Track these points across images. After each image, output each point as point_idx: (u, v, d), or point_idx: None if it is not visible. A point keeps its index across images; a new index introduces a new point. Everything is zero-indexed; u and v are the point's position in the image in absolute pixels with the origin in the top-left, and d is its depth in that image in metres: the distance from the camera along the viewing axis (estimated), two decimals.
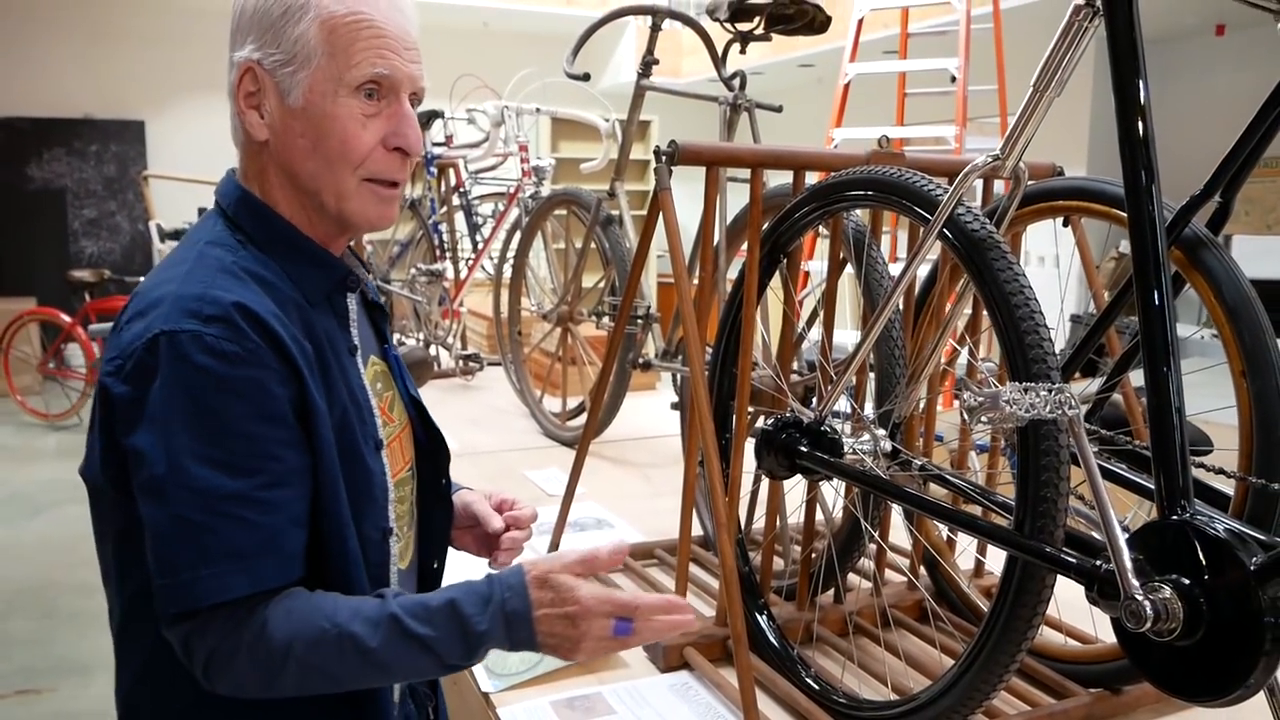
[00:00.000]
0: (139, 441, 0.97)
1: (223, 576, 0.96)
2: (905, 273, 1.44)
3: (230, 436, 0.98)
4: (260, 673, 0.98)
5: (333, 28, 1.07)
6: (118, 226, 9.15)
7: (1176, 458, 1.07)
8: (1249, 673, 0.96)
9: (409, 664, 1.01)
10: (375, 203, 1.13)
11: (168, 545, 0.97)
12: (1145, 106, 1.14)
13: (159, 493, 0.96)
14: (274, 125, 1.09)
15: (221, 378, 0.97)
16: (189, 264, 1.05)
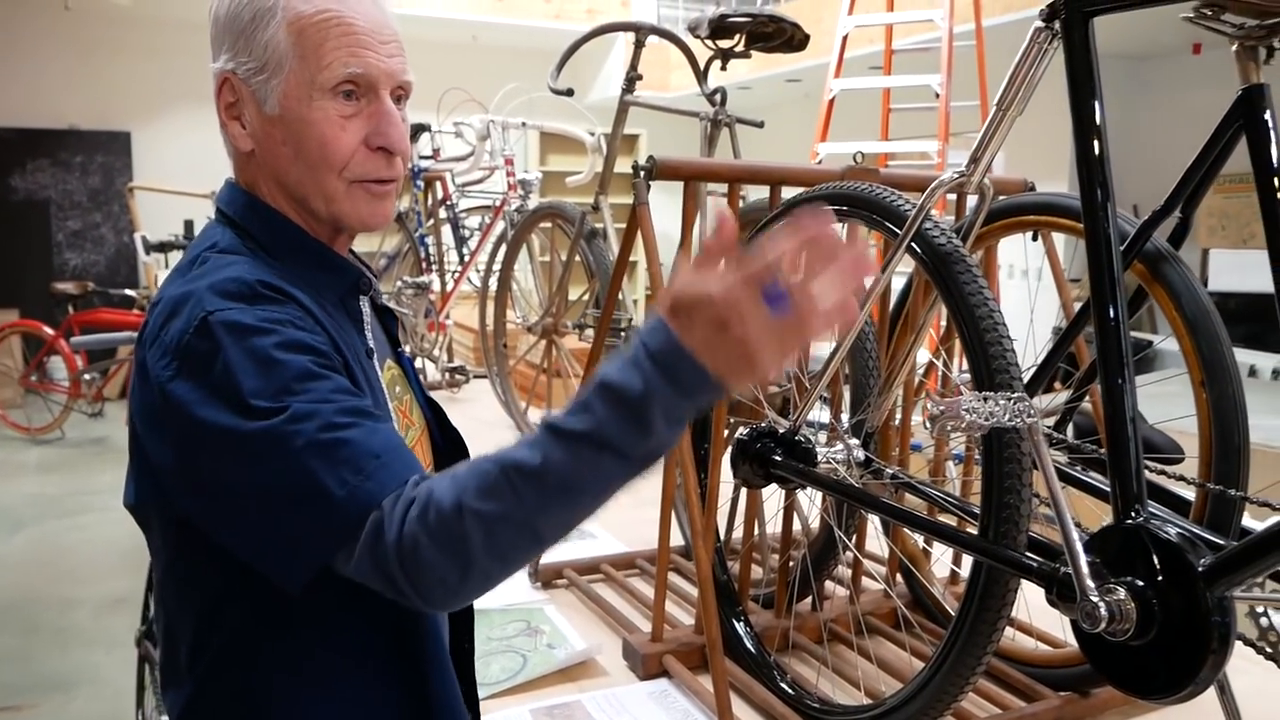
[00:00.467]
0: (221, 417, 0.92)
1: (374, 475, 0.90)
2: (875, 285, 1.48)
3: (310, 378, 0.94)
4: (449, 551, 0.87)
5: (301, 29, 1.03)
6: (102, 238, 9.14)
7: (1131, 464, 1.11)
8: (1198, 670, 1.00)
9: (590, 471, 0.86)
10: (367, 201, 1.09)
11: (305, 480, 0.90)
12: (1101, 127, 1.18)
13: (269, 444, 0.91)
14: (256, 134, 1.08)
15: (280, 336, 0.95)
16: (209, 265, 1.03)
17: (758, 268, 0.81)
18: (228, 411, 0.92)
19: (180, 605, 1.06)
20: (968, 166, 1.39)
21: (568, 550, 2.35)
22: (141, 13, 8.34)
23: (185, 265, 1.06)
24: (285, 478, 0.91)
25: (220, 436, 0.92)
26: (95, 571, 4.54)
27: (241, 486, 0.94)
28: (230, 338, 0.94)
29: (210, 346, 0.94)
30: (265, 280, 0.99)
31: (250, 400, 0.91)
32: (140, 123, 9.03)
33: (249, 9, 1.05)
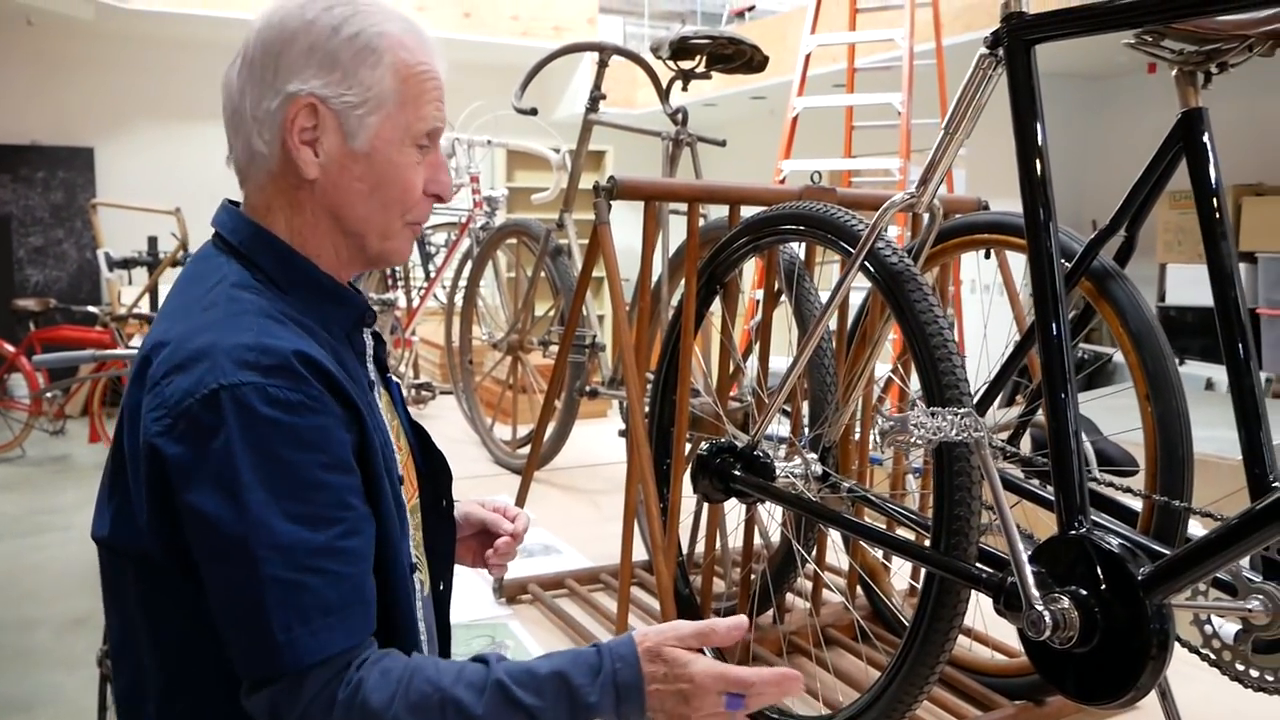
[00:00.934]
0: (205, 504, 0.91)
1: (318, 634, 0.92)
2: (831, 301, 1.51)
3: (307, 488, 0.93)
4: None
5: (405, 77, 1.06)
6: (65, 255, 9.05)
7: (1074, 476, 1.15)
8: (1139, 676, 1.03)
9: None
10: (408, 241, 1.15)
11: (255, 607, 0.91)
12: (1043, 148, 1.22)
13: (239, 554, 0.91)
14: (329, 166, 1.06)
15: (290, 428, 0.93)
16: (221, 308, 0.99)
17: (740, 680, 1.00)
18: (213, 500, 0.92)
19: (151, 639, 1.03)
20: (918, 187, 1.43)
21: (532, 565, 2.36)
22: (105, 28, 8.29)
23: (194, 300, 1.02)
24: (241, 593, 0.92)
25: (197, 519, 0.93)
26: (56, 591, 4.49)
27: (206, 565, 0.95)
28: (238, 421, 0.92)
29: (214, 422, 0.92)
30: (300, 351, 0.96)
31: (232, 498, 0.91)
32: (103, 139, 8.96)
33: (351, 44, 1.04)
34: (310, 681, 0.93)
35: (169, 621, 1.01)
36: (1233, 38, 1.31)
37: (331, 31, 1.04)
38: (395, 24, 1.07)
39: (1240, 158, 5.80)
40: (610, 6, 10.90)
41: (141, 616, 1.03)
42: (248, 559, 0.91)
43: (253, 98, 1.05)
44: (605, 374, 3.00)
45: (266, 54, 1.05)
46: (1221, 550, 0.99)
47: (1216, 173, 1.36)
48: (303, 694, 0.92)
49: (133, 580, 1.03)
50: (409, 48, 1.07)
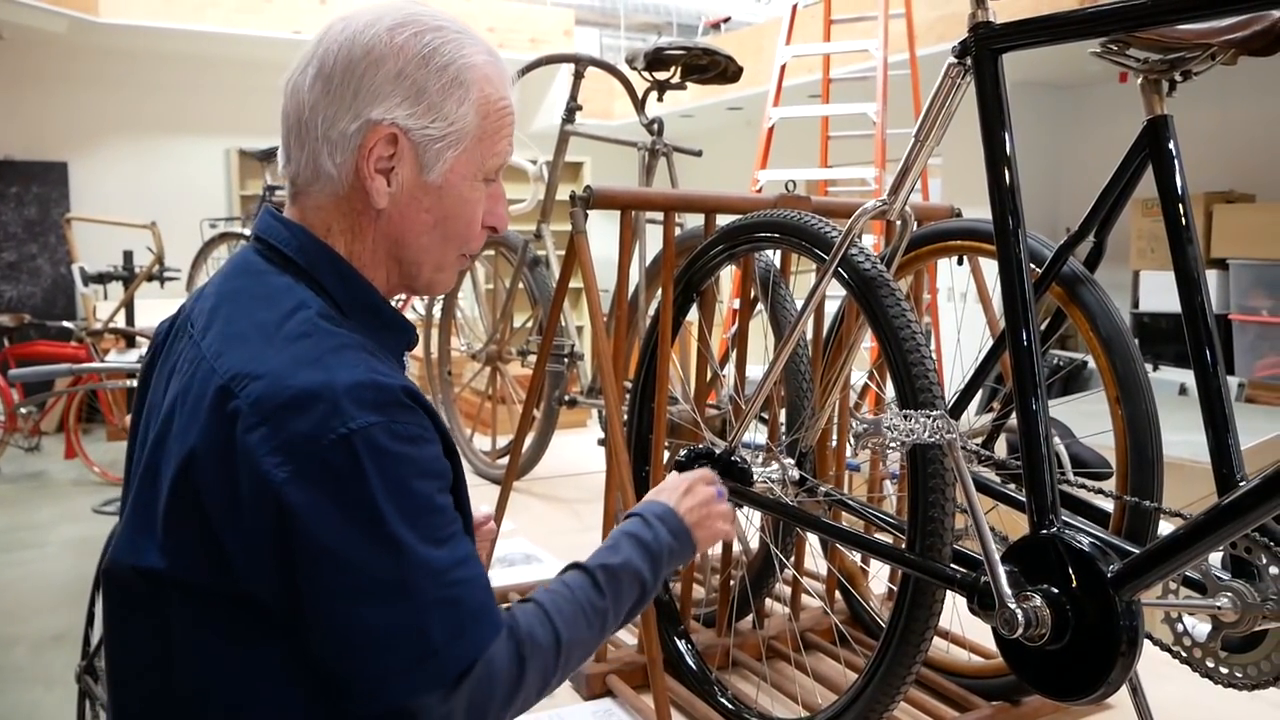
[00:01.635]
0: (347, 546, 0.90)
1: (475, 634, 0.96)
2: (805, 308, 1.53)
3: (435, 513, 0.96)
4: (539, 677, 1.04)
5: (487, 113, 1.05)
6: (39, 270, 8.98)
7: (1045, 478, 1.17)
8: (1109, 672, 1.05)
9: (628, 600, 1.17)
10: (455, 273, 1.14)
11: (414, 634, 0.92)
12: (1011, 157, 1.24)
13: (396, 590, 0.92)
14: (399, 196, 1.04)
15: (416, 460, 0.94)
16: (318, 340, 0.96)
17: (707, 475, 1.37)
18: (356, 541, 0.91)
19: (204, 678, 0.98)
20: (889, 195, 1.45)
21: (512, 575, 2.37)
22: (78, 42, 8.25)
23: (272, 327, 0.97)
24: (399, 625, 0.92)
25: (335, 561, 0.91)
26: (32, 608, 4.44)
27: (343, 606, 0.92)
28: (374, 462, 0.91)
29: (350, 466, 0.90)
30: (405, 387, 0.96)
31: (386, 539, 0.91)
32: (77, 153, 8.90)
33: (440, 75, 1.02)
34: (477, 674, 0.96)
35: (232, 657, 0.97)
36: (1195, 46, 1.34)
37: (421, 61, 1.01)
38: (481, 55, 1.05)
39: (1211, 165, 5.87)
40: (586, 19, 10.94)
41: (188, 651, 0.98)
42: (406, 593, 0.92)
43: (327, 116, 1.02)
44: (584, 383, 3.01)
45: (350, 73, 1.01)
46: (1188, 546, 1.01)
47: (1182, 179, 1.39)
48: (476, 687, 0.96)
49: (184, 611, 0.98)
50: (493, 82, 1.05)
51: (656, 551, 1.21)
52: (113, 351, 6.33)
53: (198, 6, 7.80)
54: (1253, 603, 1.17)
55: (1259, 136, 5.90)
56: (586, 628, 1.10)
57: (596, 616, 1.11)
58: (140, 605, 1.01)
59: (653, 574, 1.20)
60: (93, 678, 2.47)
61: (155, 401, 1.04)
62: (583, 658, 1.11)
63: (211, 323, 1.00)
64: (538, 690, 1.04)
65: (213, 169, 9.18)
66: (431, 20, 1.04)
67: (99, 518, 5.34)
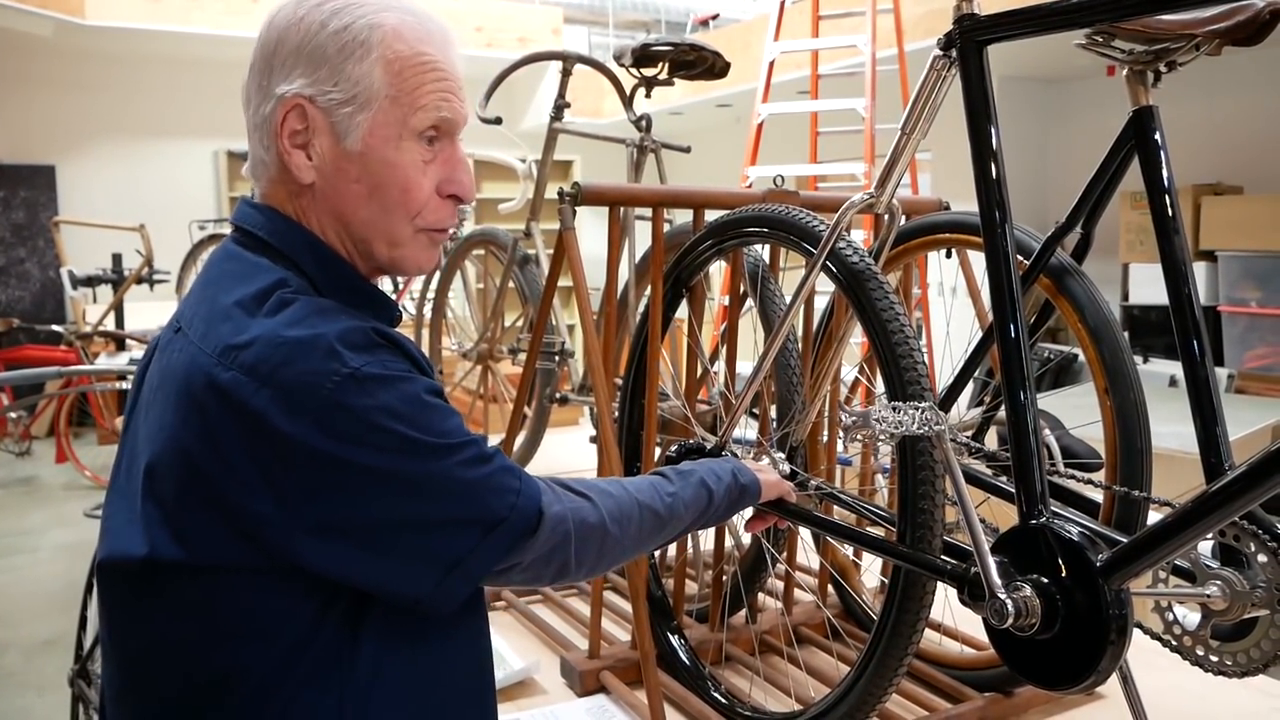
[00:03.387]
0: (387, 467, 0.93)
1: (525, 489, 1.02)
2: (794, 302, 1.53)
3: (451, 418, 0.98)
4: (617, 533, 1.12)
5: (399, 69, 1.01)
6: (27, 274, 8.94)
7: (1034, 469, 1.17)
8: (1099, 661, 1.05)
9: (694, 503, 1.25)
10: (426, 248, 1.08)
11: (470, 501, 0.98)
12: (997, 150, 1.25)
13: (427, 479, 0.95)
14: (324, 168, 1.02)
15: (411, 375, 0.96)
16: (302, 306, 0.97)
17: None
18: (397, 459, 0.94)
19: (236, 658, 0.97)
20: (876, 188, 1.45)
21: None
22: (64, 45, 8.22)
23: (250, 302, 0.97)
24: (458, 502, 0.98)
25: (374, 484, 0.93)
26: (24, 613, 4.43)
27: (401, 519, 0.95)
28: (380, 389, 0.93)
29: (365, 402, 0.92)
30: (378, 329, 0.98)
31: (413, 445, 0.94)
32: (65, 156, 8.87)
33: (335, 38, 1.00)
34: (544, 524, 1.03)
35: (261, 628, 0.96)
36: (1180, 37, 1.34)
37: (319, 27, 1.00)
38: (392, 15, 1.02)
39: (1199, 157, 5.89)
40: (575, 17, 10.92)
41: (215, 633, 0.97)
42: (450, 479, 0.97)
43: (254, 104, 1.03)
44: (575, 381, 3.01)
45: (263, 58, 1.02)
46: (1176, 534, 1.02)
47: (1168, 170, 1.39)
48: (556, 528, 1.05)
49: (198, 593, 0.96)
50: (405, 38, 1.01)
51: (721, 474, 1.32)
52: (103, 354, 6.31)
53: (184, 8, 7.78)
54: (1242, 590, 1.17)
55: (1246, 128, 5.92)
56: (653, 497, 1.19)
57: (662, 496, 1.21)
58: (152, 595, 0.98)
59: (719, 487, 1.29)
60: (85, 681, 2.46)
61: (146, 397, 1.03)
62: (651, 527, 1.19)
63: (197, 310, 1.01)
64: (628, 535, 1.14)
65: (201, 171, 9.16)
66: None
67: (90, 522, 5.32)
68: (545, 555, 1.05)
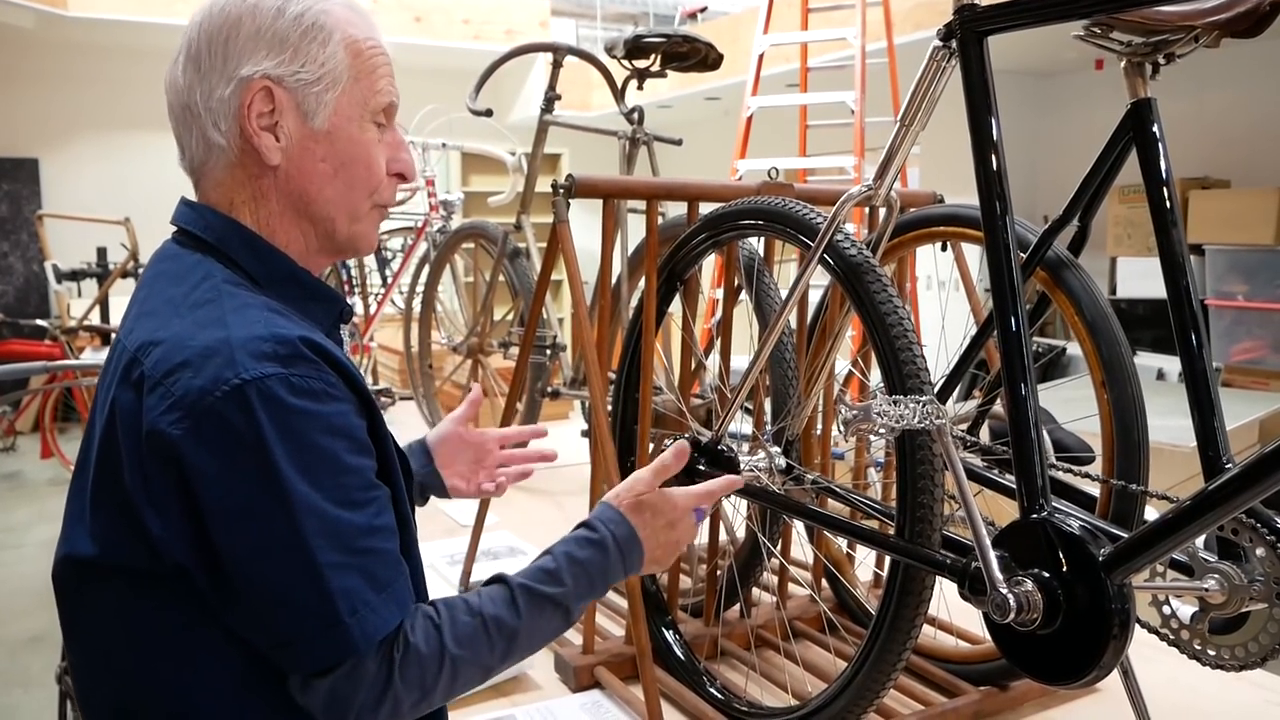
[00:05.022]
0: (246, 502, 0.89)
1: (379, 610, 0.93)
2: (791, 296, 1.52)
3: (342, 473, 0.93)
4: (417, 690, 0.97)
5: (358, 52, 1.06)
6: (10, 268, 8.87)
7: (1035, 463, 1.16)
8: (1101, 655, 1.05)
9: (545, 626, 1.08)
10: (375, 226, 1.13)
11: (316, 596, 0.90)
12: (997, 141, 1.24)
13: (291, 547, 0.89)
14: (290, 149, 1.04)
15: (319, 415, 0.92)
16: (219, 304, 0.96)
17: (709, 493, 1.26)
18: (254, 497, 0.89)
19: (152, 660, 0.98)
20: (874, 181, 1.44)
21: (497, 567, 2.34)
22: (46, 37, 8.14)
23: (180, 299, 0.98)
24: (297, 585, 0.90)
25: (236, 519, 0.90)
26: (10, 610, 4.40)
27: (247, 565, 0.91)
28: (269, 414, 0.89)
29: (244, 418, 0.89)
30: (306, 337, 0.94)
31: (282, 494, 0.89)
32: (48, 149, 8.79)
33: (298, 23, 1.03)
34: (373, 658, 0.93)
35: (180, 636, 0.96)
36: (1178, 29, 1.33)
37: (276, 13, 1.03)
38: (337, 4, 1.07)
39: (1186, 151, 5.91)
40: (562, 9, 10.88)
41: (139, 637, 0.97)
42: (303, 551, 0.89)
43: (203, 90, 1.03)
44: (566, 375, 2.99)
45: (213, 43, 1.03)
46: (1179, 529, 1.01)
47: (1166, 162, 1.38)
48: (366, 672, 0.93)
49: (128, 598, 0.97)
50: (355, 25, 1.07)
51: (594, 577, 1.13)
52: (88, 349, 6.25)
53: (167, 0, 7.71)
54: (1240, 584, 1.17)
55: (1234, 122, 5.94)
56: (487, 648, 1.02)
57: (502, 639, 1.04)
58: (77, 597, 1.01)
59: (581, 600, 1.12)
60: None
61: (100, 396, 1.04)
62: (477, 677, 1.04)
63: (131, 309, 1.03)
64: (412, 704, 0.97)
65: None
66: None
67: None
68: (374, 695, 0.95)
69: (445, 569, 2.32)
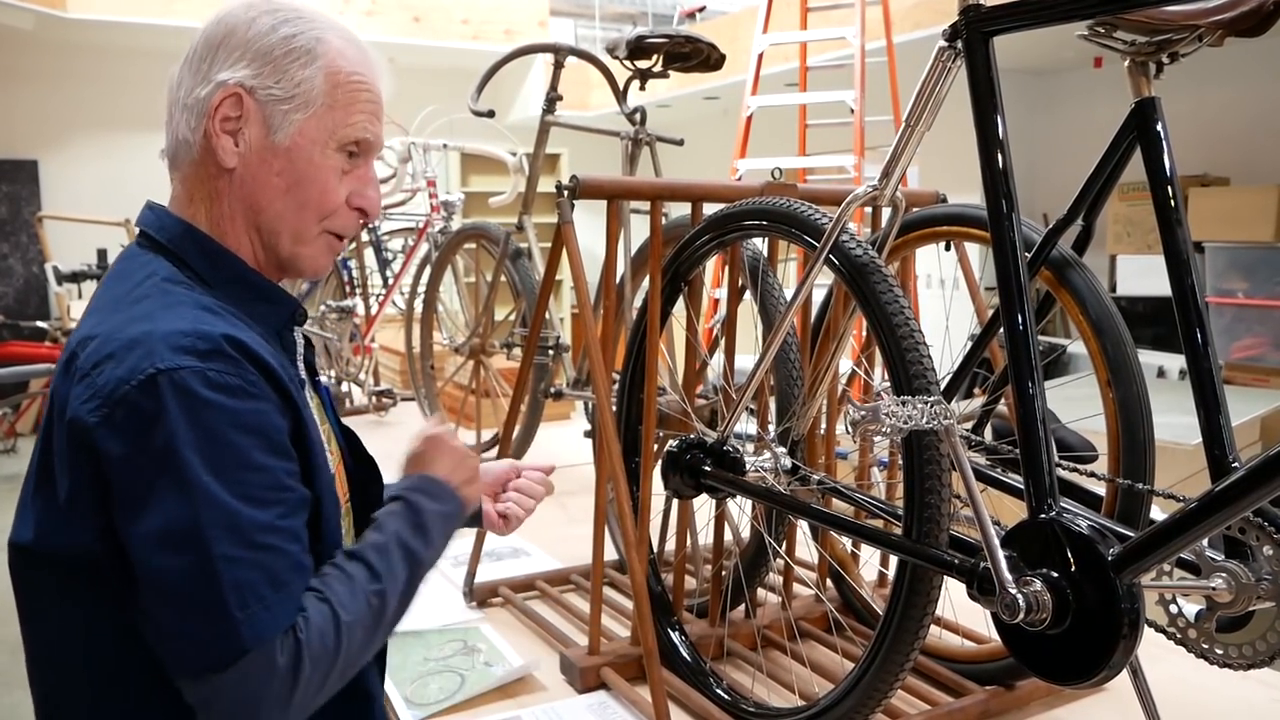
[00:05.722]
0: (149, 490, 0.91)
1: (273, 607, 0.93)
2: (796, 296, 1.52)
3: (249, 470, 0.94)
4: (316, 684, 0.97)
5: (338, 83, 1.09)
6: (10, 270, 8.86)
7: (1043, 462, 1.16)
8: (1111, 655, 1.05)
9: (401, 577, 1.08)
10: (326, 252, 1.15)
11: (209, 589, 0.91)
12: (1003, 140, 1.24)
13: (189, 538, 0.91)
14: (248, 156, 1.08)
15: (231, 411, 0.94)
16: (154, 300, 1.00)
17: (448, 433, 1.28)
18: (157, 486, 0.91)
19: (77, 648, 1.02)
20: (880, 180, 1.44)
21: (501, 568, 2.35)
22: (45, 38, 8.13)
23: (122, 295, 1.02)
24: (192, 578, 0.91)
25: (140, 507, 0.92)
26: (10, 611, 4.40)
27: (149, 555, 0.93)
28: (179, 405, 0.91)
29: (154, 408, 0.91)
30: (230, 335, 0.96)
31: (179, 483, 0.91)
32: (48, 150, 8.78)
33: (285, 42, 1.07)
34: (262, 658, 0.92)
35: (98, 628, 1.00)
36: (1183, 28, 1.34)
37: (270, 30, 1.07)
38: (337, 35, 1.10)
39: (1185, 150, 5.90)
40: (561, 9, 10.88)
41: (64, 625, 1.02)
42: (199, 541, 0.91)
43: (187, 87, 1.08)
44: (569, 375, 2.99)
45: (207, 47, 1.08)
46: (1189, 529, 1.01)
47: (1170, 161, 1.39)
48: (254, 672, 0.92)
49: (56, 587, 1.01)
50: (348, 58, 1.10)
51: (420, 522, 1.14)
52: None
53: (166, 1, 7.71)
54: (1247, 583, 1.17)
55: (1233, 120, 5.94)
56: (368, 615, 1.03)
57: (376, 599, 1.04)
58: (19, 584, 1.06)
59: (424, 543, 1.13)
60: None
61: None
62: (364, 650, 1.04)
63: (86, 308, 1.07)
64: (315, 691, 0.98)
65: None
66: (295, 6, 1.10)
67: None
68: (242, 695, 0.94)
69: (450, 570, 2.32)
